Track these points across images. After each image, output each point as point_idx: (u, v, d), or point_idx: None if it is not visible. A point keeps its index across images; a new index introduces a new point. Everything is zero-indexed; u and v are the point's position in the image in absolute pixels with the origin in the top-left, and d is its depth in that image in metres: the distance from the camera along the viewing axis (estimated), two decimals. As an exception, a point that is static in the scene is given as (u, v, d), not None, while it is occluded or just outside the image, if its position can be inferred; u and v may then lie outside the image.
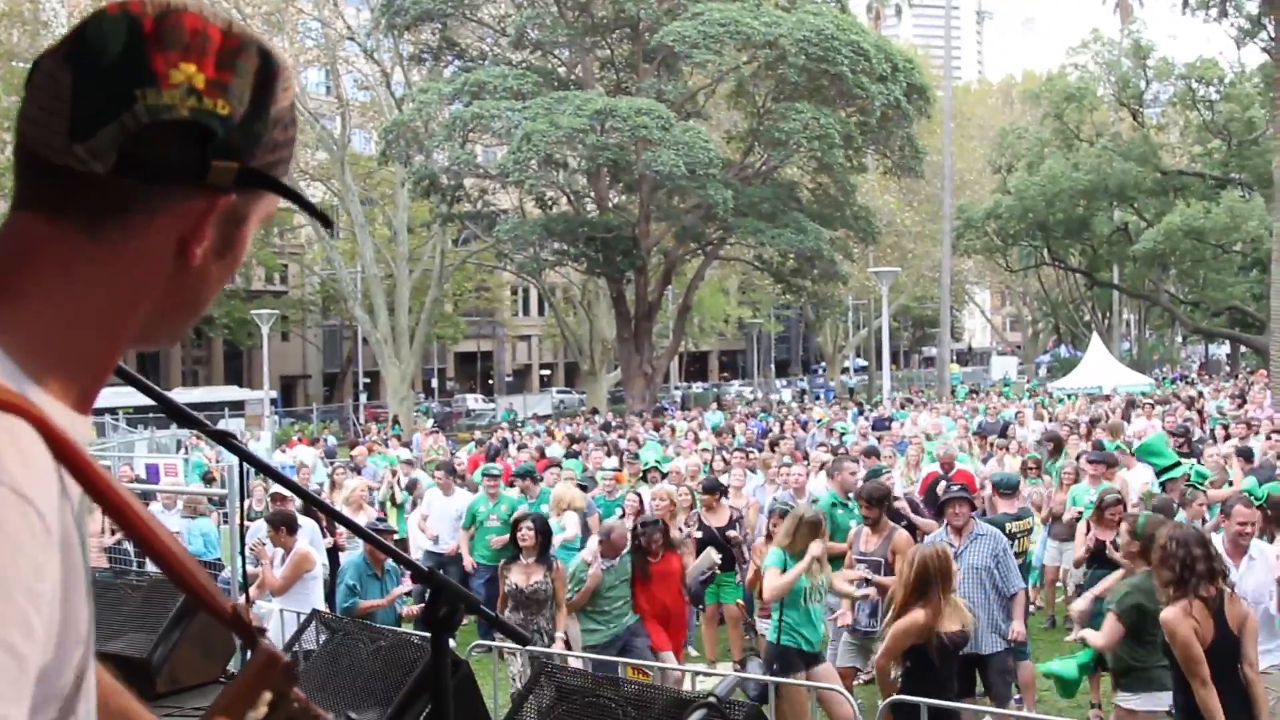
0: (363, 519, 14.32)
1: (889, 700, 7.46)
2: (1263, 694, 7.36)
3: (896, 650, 7.69)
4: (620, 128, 38.24)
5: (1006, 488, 12.30)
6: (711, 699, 2.72)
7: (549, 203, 45.21)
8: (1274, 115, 32.32)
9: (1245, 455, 15.69)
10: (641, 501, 13.30)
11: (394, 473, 18.92)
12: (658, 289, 47.19)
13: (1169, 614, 7.16)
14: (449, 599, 2.51)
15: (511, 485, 16.17)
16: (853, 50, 40.73)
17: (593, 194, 45.69)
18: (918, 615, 7.66)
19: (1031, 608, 12.73)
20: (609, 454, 20.80)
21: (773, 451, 19.40)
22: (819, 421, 31.91)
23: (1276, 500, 10.54)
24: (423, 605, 2.47)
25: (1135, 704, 8.09)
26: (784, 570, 9.32)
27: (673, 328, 52.29)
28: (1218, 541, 8.54)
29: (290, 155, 1.41)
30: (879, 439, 22.45)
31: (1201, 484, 12.22)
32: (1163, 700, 7.81)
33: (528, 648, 9.14)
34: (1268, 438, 16.98)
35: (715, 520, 13.16)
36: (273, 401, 51.67)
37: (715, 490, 13.69)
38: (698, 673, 9.50)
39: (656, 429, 31.05)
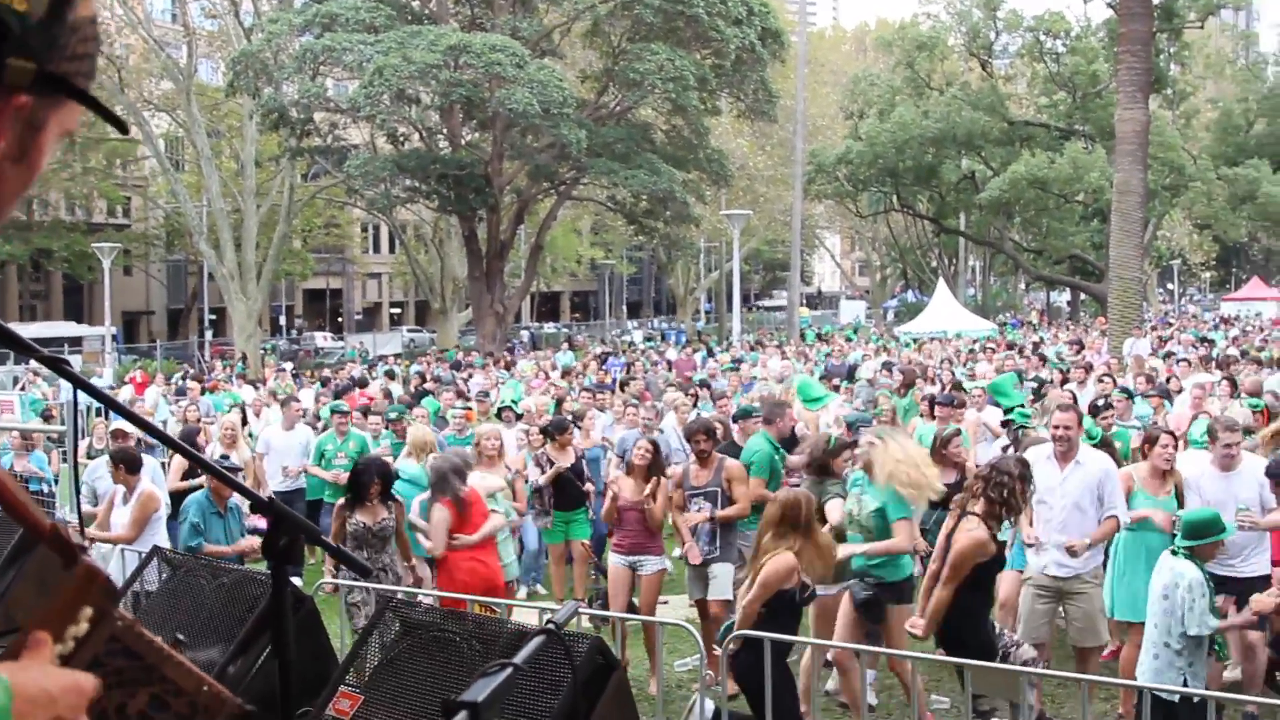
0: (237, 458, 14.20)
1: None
2: None
3: (768, 593, 7.70)
4: (474, 64, 37.82)
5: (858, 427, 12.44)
6: (550, 626, 2.72)
7: (401, 139, 44.60)
8: (1117, 69, 33.01)
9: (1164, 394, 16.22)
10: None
11: (241, 409, 18.62)
12: (510, 228, 46.91)
13: (969, 523, 7.63)
14: (289, 529, 2.48)
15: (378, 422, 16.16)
16: (709, -8, 40.79)
17: (445, 131, 45.16)
18: (787, 559, 7.70)
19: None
20: (459, 394, 20.76)
21: (622, 391, 19.48)
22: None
23: (1107, 441, 11.05)
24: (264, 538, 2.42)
25: None
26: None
27: (525, 267, 52.09)
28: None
29: (91, 70, 1.37)
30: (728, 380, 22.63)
31: (1027, 422, 12.56)
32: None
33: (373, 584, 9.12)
34: (1099, 380, 17.44)
35: (563, 459, 13.17)
36: (114, 338, 50.49)
37: (564, 429, 13.69)
38: (544, 609, 9.54)
39: (508, 368, 30.96)
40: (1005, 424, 13.11)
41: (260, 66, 40.58)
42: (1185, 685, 7.22)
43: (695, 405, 17.55)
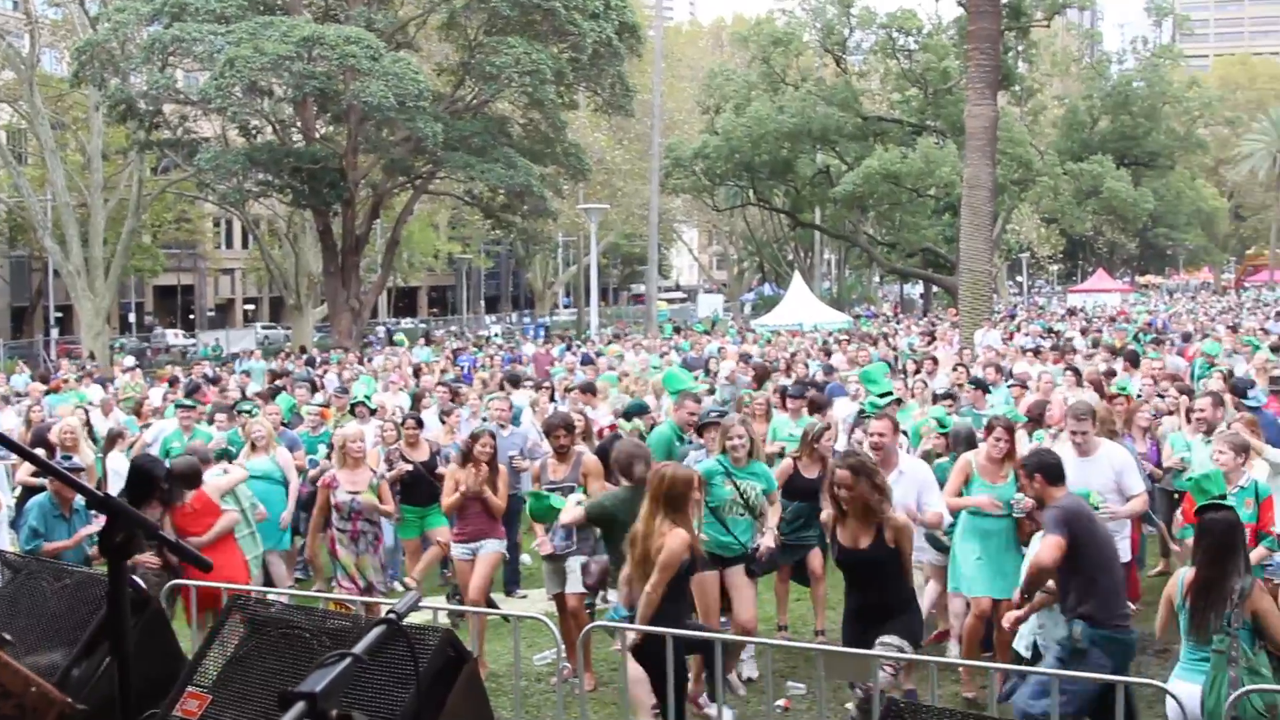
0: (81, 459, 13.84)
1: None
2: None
3: (670, 575, 7.67)
4: (328, 56, 37.41)
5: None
6: (391, 615, 2.68)
7: (253, 132, 43.93)
8: (967, 66, 33.54)
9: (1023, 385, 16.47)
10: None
11: (85, 411, 18.13)
12: (366, 222, 46.46)
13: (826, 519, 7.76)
14: (125, 524, 2.41)
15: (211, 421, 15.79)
16: (565, -15, 40.78)
17: (299, 124, 44.57)
18: (682, 536, 7.69)
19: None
20: (313, 390, 20.51)
21: (484, 386, 19.43)
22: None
23: (956, 431, 11.26)
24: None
25: None
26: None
27: (381, 262, 51.60)
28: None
29: None
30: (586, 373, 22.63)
31: (871, 412, 12.76)
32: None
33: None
34: (953, 370, 17.75)
35: (416, 455, 13.06)
36: (-47, 335, 49.04)
37: (418, 425, 13.59)
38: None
39: (363, 364, 30.63)
40: (879, 415, 13.28)
41: (107, 57, 39.67)
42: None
43: (552, 399, 17.56)
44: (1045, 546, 7.32)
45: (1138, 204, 58.70)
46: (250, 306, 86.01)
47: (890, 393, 13.10)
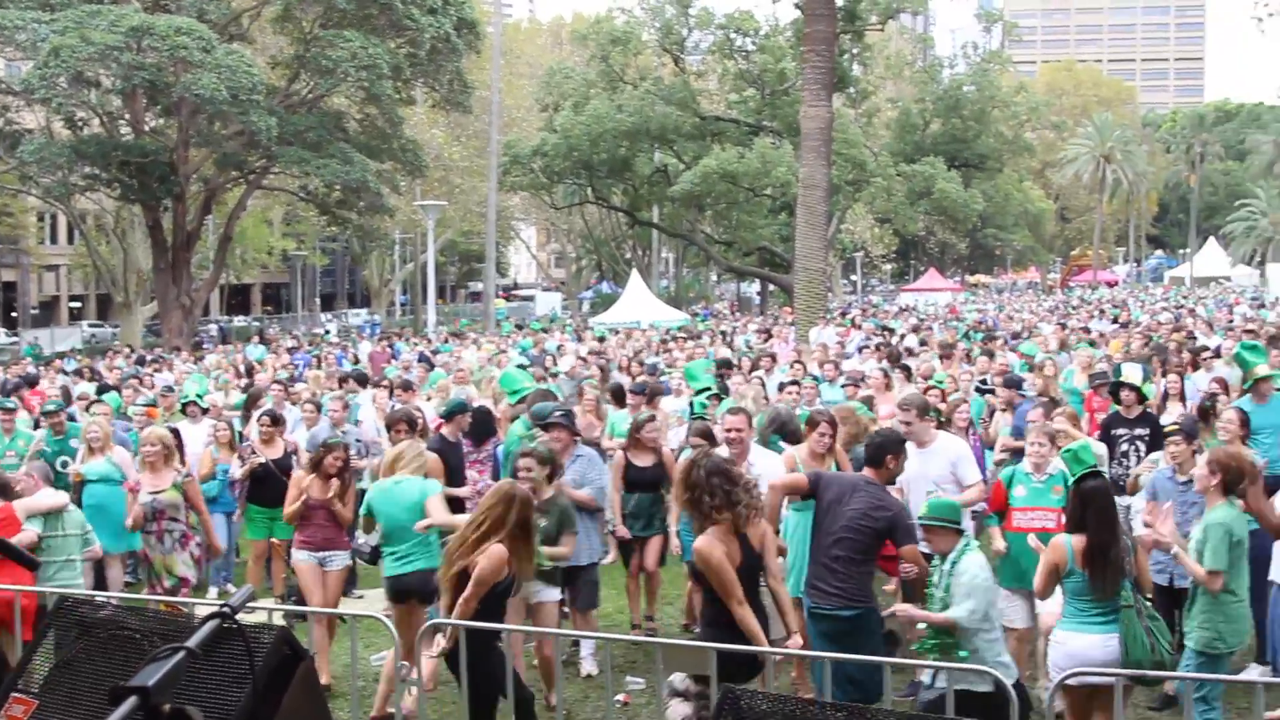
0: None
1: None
2: (787, 598, 7.94)
3: (485, 589, 7.59)
4: (158, 47, 36.60)
5: (538, 418, 12.42)
6: (225, 609, 2.62)
7: (79, 124, 42.75)
8: (803, 68, 33.96)
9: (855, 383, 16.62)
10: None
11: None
12: (197, 218, 45.57)
13: (701, 542, 7.48)
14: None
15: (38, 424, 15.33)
16: (403, -20, 40.44)
17: (128, 116, 43.53)
18: (499, 550, 7.61)
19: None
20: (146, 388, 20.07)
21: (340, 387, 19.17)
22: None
23: (772, 417, 11.52)
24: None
25: None
26: None
27: (213, 259, 50.65)
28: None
29: None
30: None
31: (704, 411, 12.88)
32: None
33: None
34: (791, 366, 17.98)
35: (271, 453, 12.85)
36: None
37: (278, 423, 13.37)
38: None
39: (196, 362, 30.02)
40: (734, 410, 13.38)
41: (-78, 44, 38.35)
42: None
43: (391, 396, 17.38)
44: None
45: (968, 205, 60.11)
46: (76, 304, 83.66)
47: (710, 389, 13.20)
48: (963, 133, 64.59)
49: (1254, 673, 9.50)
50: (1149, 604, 7.63)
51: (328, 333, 59.82)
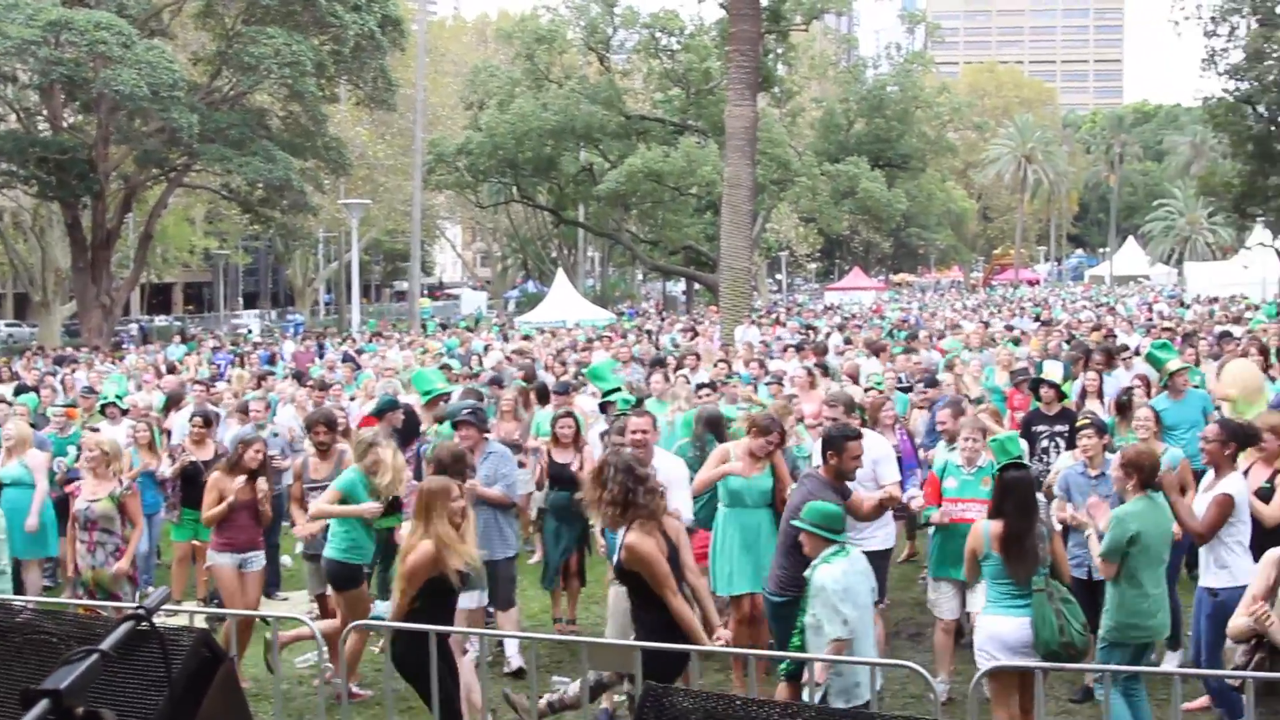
0: None
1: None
2: (707, 594, 8.08)
3: (415, 587, 7.57)
4: (77, 42, 36.12)
5: (447, 417, 12.35)
6: (140, 610, 2.58)
7: (-5, 120, 42.18)
8: (728, 68, 34.06)
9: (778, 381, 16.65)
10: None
11: None
12: (117, 216, 45.01)
13: (633, 537, 7.50)
14: None
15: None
16: (327, -23, 40.18)
17: (45, 112, 42.96)
18: (427, 547, 7.58)
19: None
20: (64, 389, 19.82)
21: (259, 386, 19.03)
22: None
23: (701, 416, 11.49)
24: None
25: None
26: None
27: (133, 258, 50.05)
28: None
29: None
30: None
31: (626, 408, 12.90)
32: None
33: None
34: (715, 365, 18.03)
35: (201, 454, 12.72)
36: None
37: (210, 423, 13.24)
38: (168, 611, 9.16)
39: (114, 364, 29.67)
40: (604, 407, 13.38)
41: None
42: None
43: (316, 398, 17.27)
44: None
45: (891, 205, 60.52)
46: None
47: (619, 389, 13.23)
48: (886, 133, 64.92)
49: (1172, 662, 9.67)
50: (1064, 588, 7.86)
51: (250, 332, 59.26)
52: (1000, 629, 7.77)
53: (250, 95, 44.62)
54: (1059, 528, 8.50)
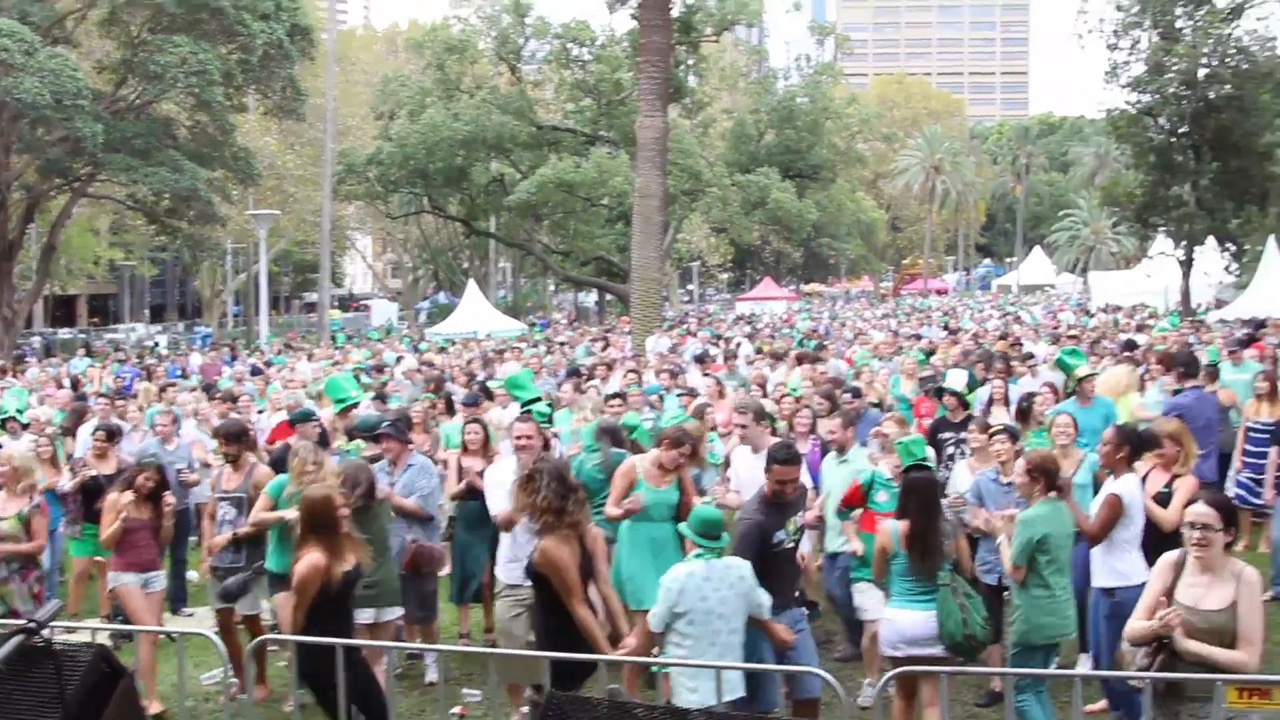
0: None
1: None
2: (616, 604, 8.14)
3: (306, 599, 7.52)
4: (-23, 49, 35.45)
5: (364, 429, 12.28)
6: (32, 623, 2.55)
7: (-108, 128, 41.28)
8: (638, 79, 34.14)
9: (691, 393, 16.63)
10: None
11: None
12: (19, 227, 44.18)
13: (549, 544, 7.58)
14: None
15: None
16: (234, -16, 39.77)
17: (-57, 121, 42.12)
18: (317, 558, 7.54)
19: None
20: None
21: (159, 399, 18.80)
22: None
23: (602, 428, 11.51)
24: None
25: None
26: None
27: (36, 269, 49.14)
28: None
29: None
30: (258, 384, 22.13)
31: (544, 419, 12.91)
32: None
33: None
34: (626, 376, 18.06)
35: (104, 468, 12.54)
36: None
37: (113, 437, 13.07)
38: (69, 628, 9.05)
39: (15, 378, 29.14)
40: (524, 417, 13.37)
41: None
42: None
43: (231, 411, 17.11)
44: None
45: (802, 215, 60.93)
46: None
47: (539, 398, 13.26)
48: (796, 143, 65.34)
49: (1085, 665, 9.81)
50: (966, 583, 8.23)
51: (156, 345, 58.48)
52: (905, 623, 8.11)
53: (156, 104, 44.00)
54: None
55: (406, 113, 55.85)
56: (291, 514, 9.60)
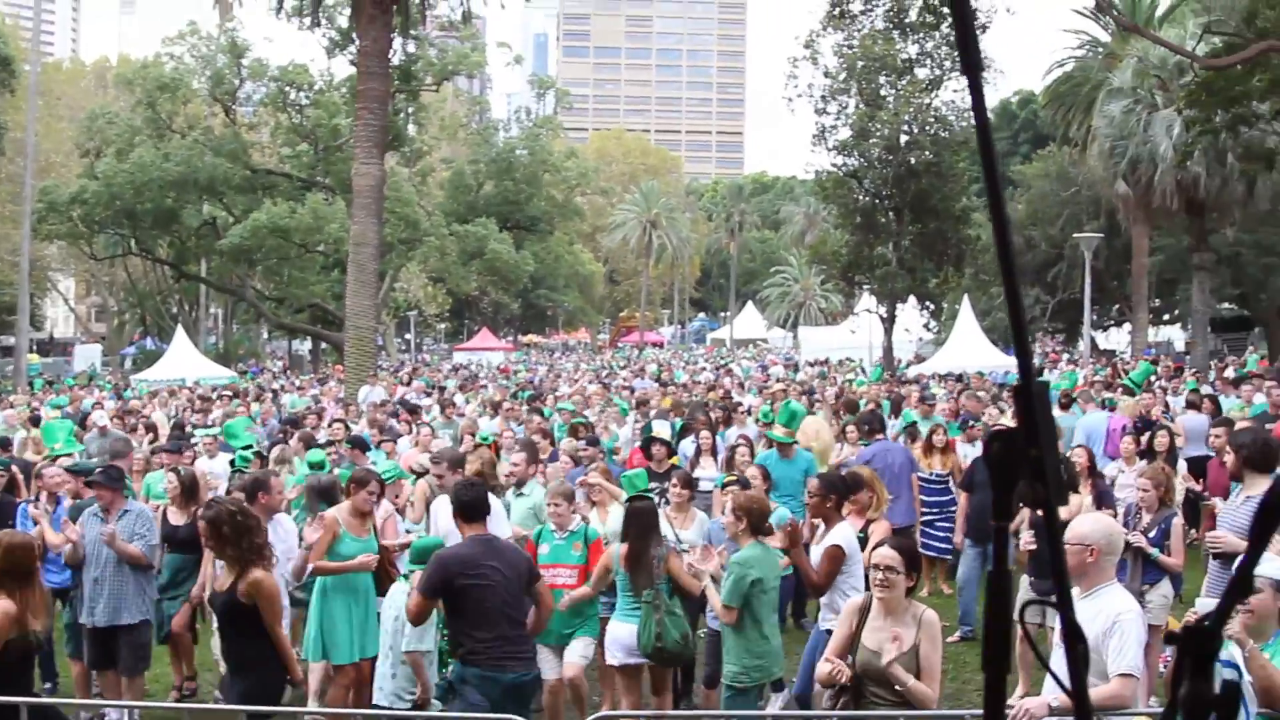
0: None
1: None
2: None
3: None
4: None
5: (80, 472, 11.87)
6: None
7: None
8: (356, 125, 33.89)
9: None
10: None
11: None
12: None
13: (260, 574, 7.88)
14: None
15: None
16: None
17: None
18: (7, 607, 7.19)
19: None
20: None
21: None
22: None
23: (310, 485, 11.36)
24: None
25: None
26: None
27: None
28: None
29: None
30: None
31: (246, 466, 12.74)
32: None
33: None
34: (330, 426, 17.87)
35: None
36: None
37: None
38: None
39: None
40: (233, 464, 13.15)
41: None
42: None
43: None
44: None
45: (519, 266, 61.35)
46: None
47: (251, 446, 13.03)
48: (515, 195, 65.69)
49: (775, 704, 10.13)
50: (676, 601, 9.07)
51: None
52: (620, 632, 9.12)
53: None
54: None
55: (114, 151, 54.13)
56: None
